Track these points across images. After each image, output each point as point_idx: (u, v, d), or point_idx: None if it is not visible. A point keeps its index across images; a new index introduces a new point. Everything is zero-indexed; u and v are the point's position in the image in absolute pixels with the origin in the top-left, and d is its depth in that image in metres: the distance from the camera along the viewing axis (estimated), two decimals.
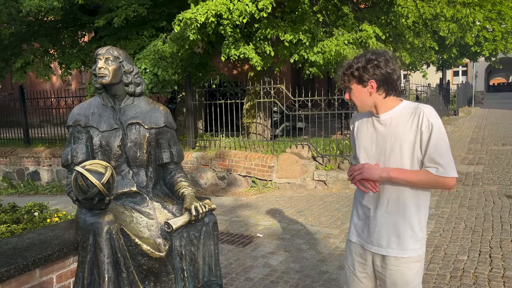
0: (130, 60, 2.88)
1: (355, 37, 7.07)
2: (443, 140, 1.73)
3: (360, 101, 1.82)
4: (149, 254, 2.52)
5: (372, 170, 1.76)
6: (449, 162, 1.73)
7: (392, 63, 1.76)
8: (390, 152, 1.79)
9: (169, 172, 2.97)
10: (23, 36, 9.33)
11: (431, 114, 1.73)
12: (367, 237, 1.90)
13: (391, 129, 1.79)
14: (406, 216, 1.80)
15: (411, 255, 1.82)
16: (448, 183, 1.74)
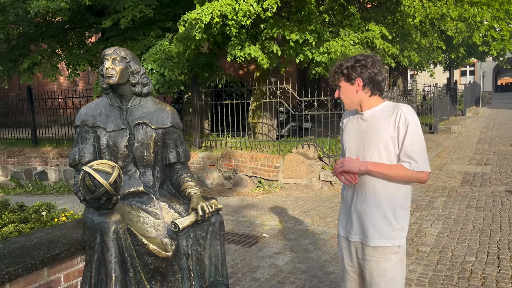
0: (137, 61, 2.89)
1: (361, 37, 7.05)
2: (418, 136, 1.85)
3: (347, 98, 1.96)
4: (156, 254, 2.53)
5: (352, 163, 1.90)
6: (423, 157, 1.85)
7: (378, 65, 1.90)
8: (368, 147, 1.91)
9: (175, 172, 2.98)
10: (31, 36, 9.40)
11: (408, 112, 1.86)
12: (349, 228, 2.01)
13: (371, 125, 1.92)
14: (382, 207, 1.90)
15: (387, 244, 1.89)
16: (422, 177, 1.86)
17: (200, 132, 8.75)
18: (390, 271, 1.90)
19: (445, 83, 17.00)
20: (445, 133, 12.84)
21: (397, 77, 15.10)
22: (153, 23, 8.91)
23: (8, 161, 10.34)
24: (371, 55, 1.93)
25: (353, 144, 2.00)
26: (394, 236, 1.90)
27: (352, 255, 2.04)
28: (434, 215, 5.21)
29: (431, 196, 6.16)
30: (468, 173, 7.61)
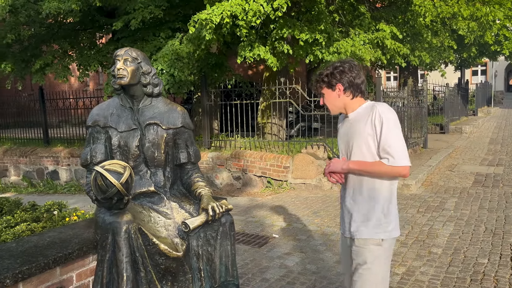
0: (148, 61, 2.91)
1: (371, 37, 7.00)
2: (394, 132, 1.93)
3: (331, 103, 2.08)
4: (167, 254, 2.54)
5: (336, 164, 2.06)
6: (400, 152, 1.92)
7: (355, 69, 2.02)
8: (353, 146, 2.03)
9: (186, 172, 2.99)
10: (43, 37, 9.50)
11: (383, 110, 1.95)
12: (343, 225, 2.15)
13: (353, 126, 2.04)
14: (366, 202, 2.01)
15: (371, 236, 1.99)
16: (400, 171, 1.94)
17: (210, 132, 8.76)
18: (371, 261, 1.99)
19: (456, 82, 16.83)
20: (456, 134, 12.70)
21: (407, 77, 14.98)
22: (163, 23, 8.95)
23: (20, 161, 10.47)
24: (348, 61, 2.05)
25: (343, 146, 2.12)
26: (378, 229, 1.99)
27: (348, 249, 2.15)
28: (445, 216, 5.15)
29: (443, 197, 6.10)
30: (480, 173, 7.52)
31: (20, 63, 9.24)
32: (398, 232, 2.08)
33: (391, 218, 2.02)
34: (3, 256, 2.18)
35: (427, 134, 10.24)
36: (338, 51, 6.74)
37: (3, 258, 2.14)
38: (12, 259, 2.13)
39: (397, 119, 1.98)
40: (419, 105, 9.76)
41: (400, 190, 6.54)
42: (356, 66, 2.02)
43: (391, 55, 7.43)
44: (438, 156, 8.87)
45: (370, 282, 2.02)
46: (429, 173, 7.53)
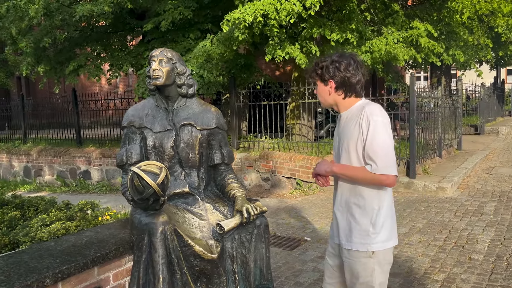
0: (183, 62, 2.90)
1: (405, 35, 6.81)
2: (381, 137, 1.77)
3: (321, 97, 1.96)
4: (202, 256, 2.51)
5: (321, 166, 1.96)
6: (384, 160, 1.76)
7: (353, 67, 1.84)
8: (341, 148, 1.92)
9: (220, 173, 2.96)
10: (76, 41, 9.75)
11: (373, 112, 1.79)
12: (332, 231, 2.06)
13: (345, 127, 1.92)
14: (355, 210, 1.88)
15: (358, 249, 1.86)
16: (383, 180, 1.77)
17: (238, 133, 8.75)
18: (362, 276, 1.86)
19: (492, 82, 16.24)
20: (492, 135, 12.23)
21: (439, 76, 14.56)
22: (192, 25, 9.01)
23: (54, 161, 10.77)
24: (348, 56, 1.87)
25: (336, 146, 2.02)
26: (367, 241, 1.84)
27: (337, 254, 2.03)
28: (485, 221, 4.94)
29: (481, 200, 5.86)
30: None
31: (55, 66, 9.51)
32: (395, 241, 1.91)
33: (380, 229, 1.84)
34: (43, 255, 2.20)
35: (461, 135, 9.90)
36: (370, 50, 6.59)
37: (43, 257, 2.16)
38: (52, 258, 2.15)
39: (387, 122, 1.81)
40: (453, 105, 9.44)
41: (435, 193, 6.33)
42: (356, 64, 1.85)
43: (425, 53, 7.21)
44: (474, 158, 8.56)
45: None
46: (465, 175, 7.27)
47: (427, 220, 5.05)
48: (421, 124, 7.52)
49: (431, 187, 6.41)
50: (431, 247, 4.17)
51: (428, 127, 7.91)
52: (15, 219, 6.28)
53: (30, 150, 11.34)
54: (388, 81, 9.40)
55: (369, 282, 1.86)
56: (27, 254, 2.21)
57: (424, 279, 3.48)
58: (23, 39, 8.40)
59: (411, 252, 4.04)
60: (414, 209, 5.58)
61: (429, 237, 4.46)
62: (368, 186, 1.84)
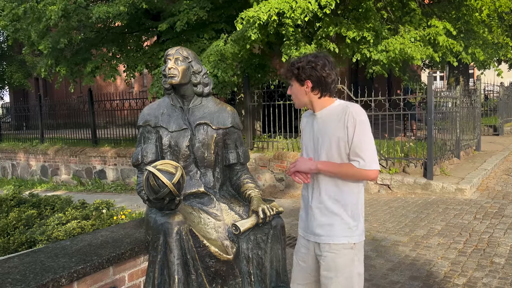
0: (199, 61, 2.87)
1: (422, 34, 6.68)
2: (366, 135, 1.88)
3: (296, 97, 2.00)
4: (217, 256, 2.48)
5: (303, 163, 1.96)
6: (370, 156, 1.87)
7: (328, 67, 1.91)
8: (321, 146, 1.95)
9: (235, 173, 2.93)
10: (93, 41, 9.83)
11: (357, 111, 1.88)
12: (307, 228, 2.04)
13: (323, 125, 1.96)
14: (335, 205, 1.93)
15: (341, 241, 1.92)
16: (370, 175, 1.90)
17: (252, 133, 8.71)
18: (346, 266, 1.92)
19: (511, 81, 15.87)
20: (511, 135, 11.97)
21: (457, 76, 14.29)
22: (206, 25, 9.01)
23: (70, 160, 10.89)
24: (323, 56, 1.94)
25: (309, 144, 2.04)
26: (348, 234, 1.93)
27: (310, 252, 2.04)
28: (506, 223, 4.80)
29: (501, 203, 5.71)
30: None
31: (72, 67, 9.61)
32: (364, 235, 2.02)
33: (359, 222, 1.96)
34: (59, 254, 2.19)
35: (480, 136, 9.69)
36: (386, 49, 6.48)
37: (59, 257, 2.15)
38: (67, 257, 2.14)
39: (368, 121, 1.92)
40: (472, 105, 9.25)
41: (454, 194, 6.20)
42: (330, 64, 1.93)
43: (443, 52, 7.07)
44: (494, 159, 8.36)
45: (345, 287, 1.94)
46: (484, 177, 7.10)
47: (446, 222, 4.94)
48: (438, 124, 7.38)
49: (449, 189, 6.27)
50: (451, 250, 4.07)
51: (446, 127, 7.75)
52: (32, 218, 6.36)
53: (47, 149, 11.49)
54: (405, 80, 9.24)
55: (350, 272, 1.94)
56: (43, 253, 2.21)
57: (444, 283, 3.39)
58: (41, 41, 8.51)
59: (430, 255, 3.95)
60: (432, 211, 5.46)
61: (449, 240, 4.35)
62: (347, 182, 1.93)
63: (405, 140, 7.80)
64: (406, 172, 6.86)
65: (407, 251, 4.07)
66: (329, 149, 1.92)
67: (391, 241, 4.37)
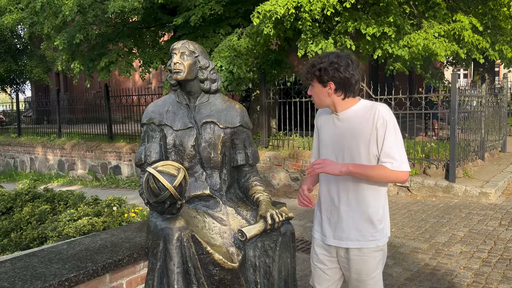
0: (206, 55, 2.71)
1: (447, 29, 6.37)
2: (397, 136, 1.85)
3: (318, 99, 1.94)
4: (221, 264, 2.33)
5: (333, 165, 1.87)
6: (403, 157, 1.84)
7: (352, 68, 1.85)
8: (346, 147, 1.90)
9: (243, 175, 2.77)
10: (109, 37, 9.80)
11: (386, 112, 1.85)
12: (330, 232, 2.00)
13: (348, 126, 1.90)
14: (363, 209, 1.90)
15: (370, 246, 1.92)
16: (401, 176, 1.86)
17: (267, 131, 8.54)
18: (376, 268, 1.94)
19: None
20: None
21: (482, 73, 13.77)
22: (222, 20, 8.86)
23: (86, 155, 10.93)
24: (346, 56, 1.88)
25: (330, 146, 1.98)
26: (377, 237, 1.92)
27: (332, 256, 2.03)
28: None
29: None
30: None
31: (88, 62, 9.60)
32: (389, 232, 2.03)
33: (387, 223, 1.99)
34: (53, 259, 2.07)
35: (506, 136, 9.28)
36: (409, 45, 6.20)
37: (52, 262, 2.03)
38: (61, 263, 2.02)
39: (396, 121, 1.90)
40: (498, 104, 8.85)
41: (477, 198, 5.90)
42: (354, 64, 1.86)
43: (468, 49, 6.74)
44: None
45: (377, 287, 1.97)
46: (510, 180, 6.76)
47: (468, 229, 4.67)
48: (461, 124, 7.06)
49: (472, 192, 5.98)
50: (474, 260, 3.82)
51: (470, 127, 7.42)
52: (45, 213, 6.36)
53: (64, 144, 11.57)
54: (427, 78, 8.90)
55: (378, 274, 1.96)
56: (37, 258, 2.10)
57: None
58: (57, 35, 8.51)
59: (451, 264, 3.71)
60: (454, 215, 5.20)
61: (472, 248, 4.10)
62: (374, 184, 1.90)
63: (426, 140, 7.50)
64: (426, 173, 6.58)
65: (427, 259, 3.84)
66: (355, 150, 1.88)
67: (410, 247, 4.14)
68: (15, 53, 19.05)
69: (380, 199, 1.93)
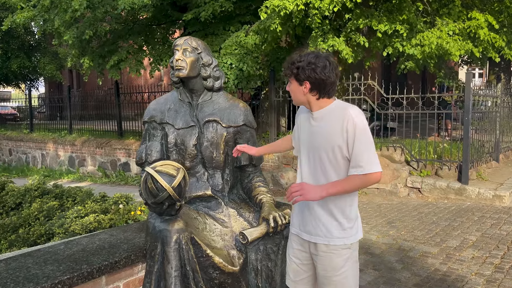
0: (210, 52, 2.64)
1: (462, 27, 6.20)
2: (366, 139, 1.85)
3: (295, 95, 1.97)
4: (222, 268, 2.26)
5: (313, 192, 1.85)
6: (372, 160, 1.84)
7: (329, 69, 1.86)
8: (318, 147, 1.93)
9: (247, 175, 2.70)
10: (119, 33, 9.80)
11: (357, 114, 1.86)
12: (303, 227, 2.03)
13: (321, 125, 1.93)
14: (331, 208, 1.93)
15: (337, 243, 1.94)
16: (373, 179, 1.86)
17: (277, 129, 8.45)
18: (342, 266, 1.95)
19: None
20: None
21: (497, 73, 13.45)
22: (233, 17, 8.79)
23: (96, 152, 10.97)
24: (324, 57, 1.89)
25: (305, 144, 2.01)
26: (345, 235, 1.95)
27: (306, 250, 2.04)
28: None
29: None
30: None
31: (98, 59, 9.61)
32: (361, 233, 2.05)
33: (356, 222, 2.00)
34: (48, 260, 2.03)
35: None
36: (421, 44, 6.05)
37: (47, 263, 1.99)
38: (56, 264, 1.97)
39: (367, 123, 1.90)
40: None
41: (491, 201, 5.73)
42: (331, 66, 1.88)
43: (483, 47, 6.55)
44: None
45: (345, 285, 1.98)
46: None
47: (481, 233, 4.53)
48: (475, 124, 6.88)
49: (486, 195, 5.81)
50: (486, 265, 3.69)
51: (484, 128, 7.23)
52: (53, 209, 6.37)
53: (75, 140, 11.64)
54: (440, 77, 8.71)
55: (346, 272, 1.97)
56: (32, 258, 2.05)
57: None
58: (66, 31, 8.52)
59: (462, 270, 3.59)
60: (466, 218, 5.05)
61: (484, 253, 3.96)
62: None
63: (439, 140, 7.33)
64: (438, 175, 6.42)
65: (437, 264, 3.72)
66: (327, 150, 1.91)
67: (420, 251, 4.02)
68: (28, 50, 19.25)
69: (347, 199, 1.95)
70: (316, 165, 1.94)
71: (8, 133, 14.56)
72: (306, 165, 1.99)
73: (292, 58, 1.93)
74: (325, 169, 1.92)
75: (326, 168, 1.91)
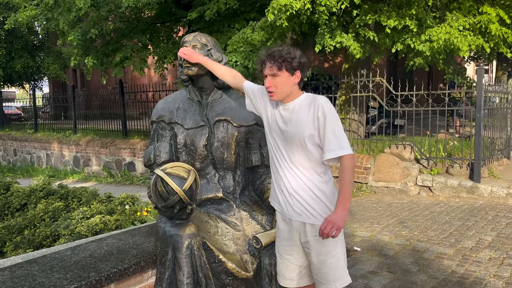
0: (219, 48, 2.54)
1: (472, 21, 6.06)
2: (336, 125, 1.94)
3: (281, 89, 1.98)
4: (235, 274, 2.17)
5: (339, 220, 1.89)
6: (340, 143, 1.91)
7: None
8: (293, 138, 1.98)
9: (258, 176, 2.60)
10: (123, 32, 9.72)
11: (326, 103, 1.96)
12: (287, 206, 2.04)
13: (294, 117, 1.99)
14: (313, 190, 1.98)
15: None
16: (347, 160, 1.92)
17: None
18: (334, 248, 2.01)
19: None
20: None
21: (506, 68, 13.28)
22: (238, 15, 8.69)
23: (101, 151, 10.91)
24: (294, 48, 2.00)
25: (277, 135, 2.05)
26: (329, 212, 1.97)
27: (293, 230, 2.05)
28: None
29: None
30: None
31: (102, 57, 9.54)
32: None
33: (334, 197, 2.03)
34: (54, 267, 1.94)
35: None
36: (430, 39, 5.91)
37: (53, 271, 1.90)
38: (62, 272, 1.88)
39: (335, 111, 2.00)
40: None
41: (504, 200, 5.61)
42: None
43: (494, 42, 6.41)
44: None
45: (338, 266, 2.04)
46: None
47: (496, 233, 4.41)
48: (485, 121, 6.74)
49: (499, 193, 5.68)
50: (504, 267, 3.57)
51: (495, 125, 7.08)
52: (58, 210, 6.30)
53: (79, 140, 11.58)
54: (449, 73, 8.56)
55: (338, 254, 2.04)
56: (38, 265, 1.97)
57: None
58: (71, 31, 8.46)
59: (480, 272, 3.47)
60: (480, 218, 4.93)
61: (501, 254, 3.84)
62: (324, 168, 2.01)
63: (449, 138, 7.20)
64: (449, 173, 6.29)
65: (453, 266, 3.61)
66: (302, 140, 1.96)
67: (435, 253, 3.91)
68: (32, 50, 19.21)
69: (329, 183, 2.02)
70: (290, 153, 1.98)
71: (13, 133, 14.54)
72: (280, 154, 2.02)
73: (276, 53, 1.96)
74: (299, 156, 1.97)
75: (300, 155, 1.97)
